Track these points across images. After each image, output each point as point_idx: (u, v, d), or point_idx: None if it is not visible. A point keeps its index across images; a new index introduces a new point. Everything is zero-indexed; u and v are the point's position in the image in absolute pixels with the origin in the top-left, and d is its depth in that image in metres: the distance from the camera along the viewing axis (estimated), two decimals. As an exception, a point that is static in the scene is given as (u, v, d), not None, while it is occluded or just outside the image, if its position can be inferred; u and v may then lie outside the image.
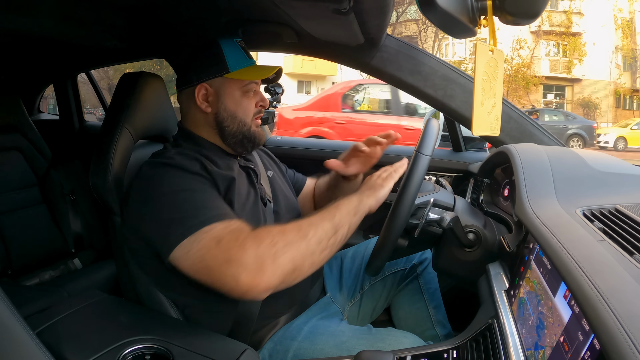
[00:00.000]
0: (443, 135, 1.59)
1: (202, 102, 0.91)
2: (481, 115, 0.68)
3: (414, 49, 1.18)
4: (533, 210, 0.69)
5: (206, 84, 0.91)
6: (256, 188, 0.94)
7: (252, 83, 0.92)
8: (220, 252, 0.69)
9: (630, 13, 16.43)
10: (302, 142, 1.84)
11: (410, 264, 1.13)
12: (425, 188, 0.90)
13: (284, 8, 0.92)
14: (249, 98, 0.93)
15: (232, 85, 0.91)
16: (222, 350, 0.71)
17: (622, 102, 17.24)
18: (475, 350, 0.70)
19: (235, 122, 0.92)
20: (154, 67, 12.00)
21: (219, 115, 0.91)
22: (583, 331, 0.44)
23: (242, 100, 0.92)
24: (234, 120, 0.92)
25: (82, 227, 1.68)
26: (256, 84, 0.94)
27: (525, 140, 1.13)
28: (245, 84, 0.92)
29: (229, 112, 0.91)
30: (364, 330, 0.89)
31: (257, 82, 0.94)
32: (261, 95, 0.96)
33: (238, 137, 0.92)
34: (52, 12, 1.07)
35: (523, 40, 16.20)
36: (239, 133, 0.92)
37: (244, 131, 0.92)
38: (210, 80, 0.91)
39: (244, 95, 0.92)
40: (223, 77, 0.90)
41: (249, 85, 0.92)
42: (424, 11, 0.58)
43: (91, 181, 0.94)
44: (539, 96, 16.83)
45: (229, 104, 0.91)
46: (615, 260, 0.49)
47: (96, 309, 0.82)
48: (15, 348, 0.52)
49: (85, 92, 2.58)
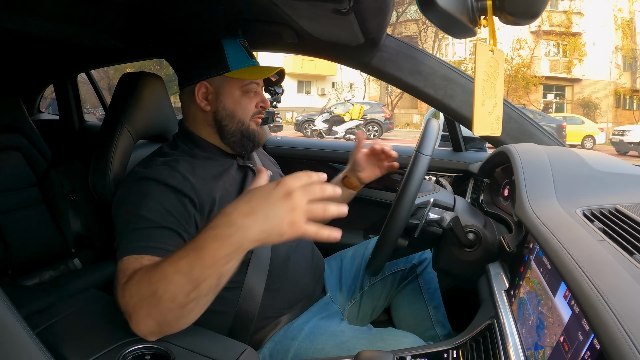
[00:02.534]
0: (443, 135, 1.59)
1: (201, 100, 0.92)
2: (482, 116, 0.69)
3: (414, 49, 1.18)
4: (533, 210, 0.69)
5: (206, 82, 0.91)
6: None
7: (253, 83, 0.92)
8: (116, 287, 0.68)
9: (630, 13, 16.44)
10: (302, 142, 1.84)
11: (410, 264, 1.13)
12: (425, 188, 0.90)
13: (284, 8, 0.92)
14: (249, 98, 0.93)
15: (232, 84, 0.91)
16: (222, 350, 0.71)
17: (622, 102, 17.25)
18: (475, 350, 0.70)
19: (233, 121, 0.92)
20: (154, 67, 12.00)
21: (218, 114, 0.92)
22: (583, 331, 0.44)
23: (242, 100, 0.92)
24: (232, 119, 0.92)
25: (82, 227, 1.67)
26: (257, 85, 0.94)
27: (525, 140, 1.13)
28: (245, 84, 0.92)
29: (228, 111, 0.92)
30: (364, 330, 0.89)
31: (257, 82, 0.94)
32: (262, 96, 0.96)
33: (237, 136, 0.92)
34: (52, 12, 1.07)
35: (523, 40, 16.22)
36: (237, 132, 0.92)
37: (242, 130, 0.92)
38: (210, 79, 0.91)
39: (244, 95, 0.92)
40: (223, 76, 0.91)
41: (249, 85, 0.92)
42: (424, 11, 0.58)
43: (91, 181, 0.94)
44: (539, 96, 16.83)
45: (228, 103, 0.91)
46: (615, 260, 0.49)
47: (96, 309, 0.82)
48: (15, 348, 0.52)
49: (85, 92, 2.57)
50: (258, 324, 0.89)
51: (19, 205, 1.59)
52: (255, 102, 0.94)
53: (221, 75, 0.91)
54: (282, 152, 1.77)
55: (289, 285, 0.93)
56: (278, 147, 1.78)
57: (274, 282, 0.90)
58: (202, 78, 0.91)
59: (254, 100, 0.94)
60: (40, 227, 1.61)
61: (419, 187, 0.81)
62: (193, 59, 0.93)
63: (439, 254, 0.93)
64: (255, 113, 0.94)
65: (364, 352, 0.65)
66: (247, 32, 1.21)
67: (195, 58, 0.92)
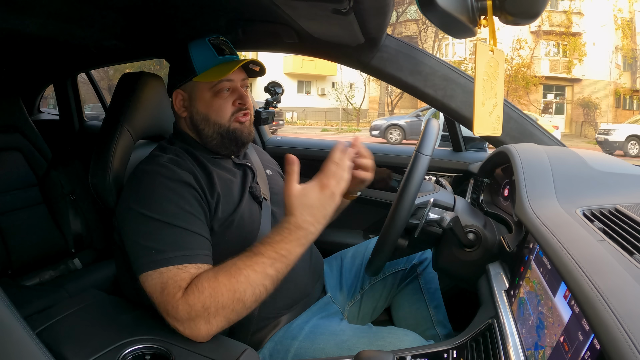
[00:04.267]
0: (443, 135, 1.59)
1: (179, 107, 0.93)
2: (482, 116, 0.69)
3: (414, 49, 1.18)
4: (533, 210, 0.69)
5: (180, 90, 0.92)
6: (248, 187, 0.93)
7: (224, 82, 0.90)
8: (161, 301, 0.71)
9: (630, 13, 16.44)
10: (302, 142, 1.84)
11: (411, 264, 1.13)
12: (425, 188, 0.90)
13: (284, 8, 0.92)
14: (223, 98, 0.90)
15: (201, 87, 0.90)
16: (222, 350, 0.71)
17: (622, 102, 17.24)
18: (475, 350, 0.70)
19: (209, 124, 0.91)
20: (154, 67, 12.00)
21: (193, 119, 0.92)
22: (583, 331, 0.44)
23: (214, 102, 0.90)
24: (207, 122, 0.91)
25: (82, 227, 1.67)
26: (230, 82, 0.91)
27: (525, 140, 1.13)
28: (214, 85, 0.89)
29: (201, 115, 0.91)
30: (365, 329, 0.89)
31: (230, 79, 0.90)
32: (239, 92, 0.92)
33: (216, 138, 0.91)
34: (52, 12, 1.07)
35: (523, 40, 16.21)
36: (215, 134, 0.91)
37: (221, 132, 0.91)
38: (183, 86, 0.92)
39: (216, 96, 0.90)
40: (192, 81, 0.90)
41: (219, 85, 0.90)
42: (424, 11, 0.58)
43: (91, 181, 0.94)
44: (539, 96, 16.83)
45: (200, 107, 0.91)
46: (615, 260, 0.49)
47: (96, 309, 0.82)
48: (15, 348, 0.52)
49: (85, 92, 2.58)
50: (258, 324, 0.89)
51: (19, 205, 1.59)
52: (231, 100, 0.91)
53: (190, 80, 0.90)
54: (282, 152, 1.76)
55: (289, 285, 0.93)
56: (278, 147, 1.78)
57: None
58: (176, 87, 0.92)
59: (230, 99, 0.91)
60: (40, 227, 1.61)
61: (419, 187, 0.80)
62: (170, 68, 0.94)
63: (439, 254, 0.93)
64: (234, 111, 0.91)
65: (364, 352, 0.65)
66: (247, 32, 1.21)
67: (170, 67, 0.94)
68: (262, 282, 0.71)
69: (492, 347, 0.66)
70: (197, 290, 0.70)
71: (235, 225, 0.86)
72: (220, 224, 0.84)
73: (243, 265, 0.71)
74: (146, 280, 0.73)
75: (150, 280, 0.73)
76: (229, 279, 0.70)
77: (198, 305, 0.69)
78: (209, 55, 0.90)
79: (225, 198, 0.86)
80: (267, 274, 0.71)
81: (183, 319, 0.70)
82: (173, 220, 0.76)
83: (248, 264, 0.71)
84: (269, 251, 0.72)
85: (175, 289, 0.71)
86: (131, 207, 0.79)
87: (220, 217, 0.84)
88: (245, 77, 0.95)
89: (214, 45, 0.91)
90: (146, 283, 0.73)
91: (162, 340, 0.71)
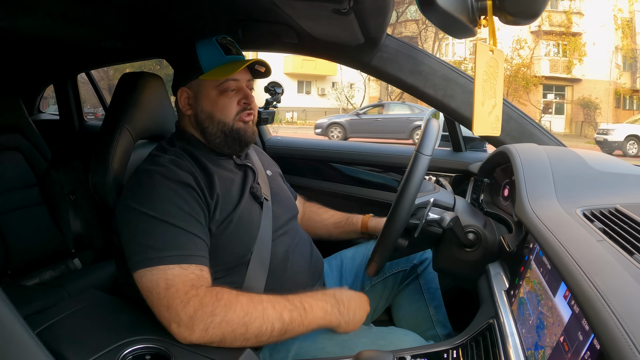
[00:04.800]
0: (443, 135, 1.59)
1: (184, 105, 0.93)
2: (482, 116, 0.68)
3: (414, 49, 1.17)
4: (533, 210, 0.69)
5: (186, 87, 0.92)
6: (249, 187, 0.93)
7: (229, 81, 0.90)
8: (165, 297, 0.71)
9: (630, 13, 16.43)
10: (302, 142, 1.84)
11: (411, 264, 1.13)
12: (425, 188, 0.90)
13: (284, 8, 0.92)
14: (228, 97, 0.91)
15: (207, 85, 0.91)
16: (222, 350, 0.71)
17: (622, 102, 17.23)
18: (475, 350, 0.70)
19: (213, 122, 0.91)
20: (154, 67, 11.99)
21: (198, 117, 0.92)
22: (583, 331, 0.44)
23: (219, 100, 0.91)
24: (212, 121, 0.91)
25: (82, 227, 1.67)
26: (235, 81, 0.91)
27: (525, 140, 1.13)
28: (220, 83, 0.90)
29: (206, 113, 0.91)
30: (365, 328, 0.89)
31: (236, 79, 0.91)
32: (245, 92, 0.93)
33: (220, 137, 0.92)
34: (52, 12, 1.07)
35: (523, 40, 16.19)
36: (219, 133, 0.91)
37: (225, 130, 0.91)
38: (189, 83, 0.92)
39: (222, 95, 0.91)
40: (199, 79, 0.91)
41: (225, 84, 0.90)
42: (424, 11, 0.58)
43: (91, 181, 0.94)
44: (538, 96, 16.82)
45: (205, 105, 0.91)
46: (615, 260, 0.49)
47: (96, 309, 0.82)
48: (15, 348, 0.52)
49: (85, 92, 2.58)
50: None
51: (19, 205, 1.59)
52: (236, 100, 0.92)
53: (196, 78, 0.91)
54: (282, 152, 1.76)
55: (289, 285, 0.93)
56: (278, 147, 1.78)
57: (274, 282, 0.90)
58: (182, 84, 0.93)
59: (235, 98, 0.92)
60: (40, 227, 1.61)
61: (419, 187, 0.81)
62: (175, 66, 0.94)
63: (439, 254, 0.93)
64: (239, 111, 0.92)
65: (364, 351, 0.65)
66: (247, 32, 1.21)
67: (176, 65, 0.94)
68: (274, 321, 0.73)
69: (492, 347, 0.66)
70: (215, 297, 0.72)
71: (234, 225, 0.86)
72: (219, 224, 0.84)
73: (267, 299, 0.76)
74: (144, 276, 0.73)
75: (150, 277, 0.72)
76: (248, 302, 0.74)
77: (208, 309, 0.70)
78: (216, 54, 0.91)
79: (224, 199, 0.86)
80: (282, 316, 0.74)
81: (186, 316, 0.69)
82: (171, 219, 0.76)
83: (271, 299, 0.76)
84: (294, 298, 0.78)
85: (186, 286, 0.71)
86: (130, 204, 0.79)
87: (219, 218, 0.84)
88: (250, 78, 0.95)
89: (221, 44, 0.92)
90: (143, 279, 0.73)
91: (162, 340, 0.71)
